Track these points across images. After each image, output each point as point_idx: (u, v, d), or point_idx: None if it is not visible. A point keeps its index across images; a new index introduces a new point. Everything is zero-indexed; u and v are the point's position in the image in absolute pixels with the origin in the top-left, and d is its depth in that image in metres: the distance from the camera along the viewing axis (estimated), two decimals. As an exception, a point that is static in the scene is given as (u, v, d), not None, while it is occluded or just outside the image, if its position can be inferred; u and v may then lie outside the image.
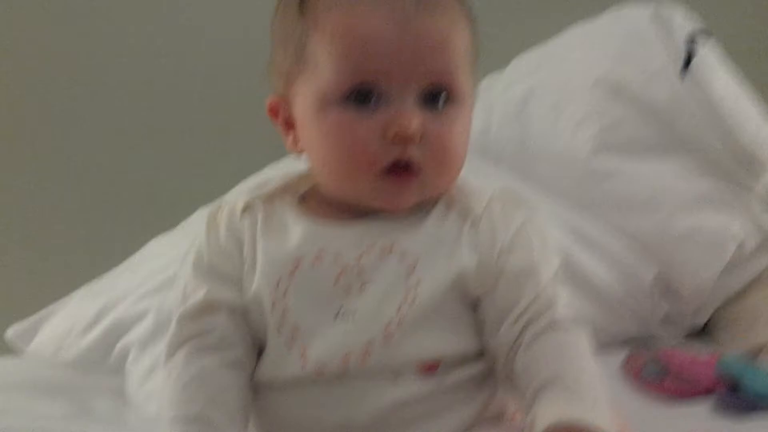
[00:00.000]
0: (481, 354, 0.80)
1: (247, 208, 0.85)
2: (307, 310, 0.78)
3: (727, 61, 1.38)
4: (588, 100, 1.37)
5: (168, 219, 1.44)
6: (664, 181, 1.31)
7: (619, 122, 1.35)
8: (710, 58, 1.36)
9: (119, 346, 1.24)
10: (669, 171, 1.31)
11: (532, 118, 1.41)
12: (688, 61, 1.35)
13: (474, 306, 0.80)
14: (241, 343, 0.81)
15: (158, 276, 1.25)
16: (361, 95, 0.77)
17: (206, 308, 0.81)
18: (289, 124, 0.85)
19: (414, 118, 0.76)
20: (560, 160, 1.36)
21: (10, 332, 1.36)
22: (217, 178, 1.39)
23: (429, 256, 0.79)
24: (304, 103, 0.81)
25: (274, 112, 0.86)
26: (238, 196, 0.87)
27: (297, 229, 0.81)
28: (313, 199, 0.85)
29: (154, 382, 1.15)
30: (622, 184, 1.32)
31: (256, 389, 0.82)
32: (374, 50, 0.76)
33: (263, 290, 0.79)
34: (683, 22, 1.39)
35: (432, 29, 0.78)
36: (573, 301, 0.81)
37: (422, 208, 0.82)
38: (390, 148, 0.77)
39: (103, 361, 1.26)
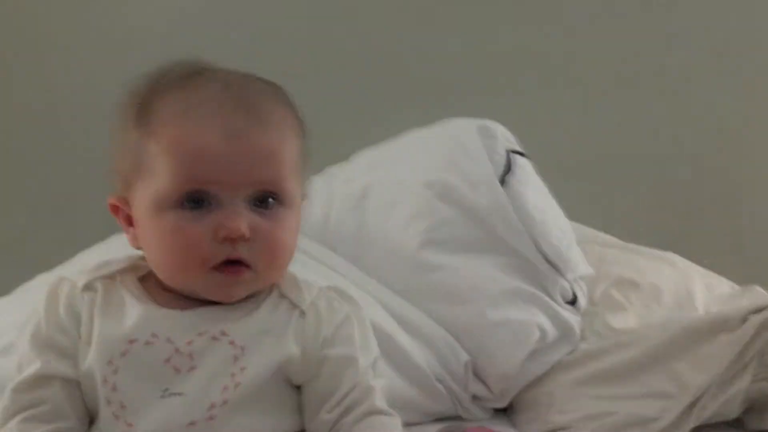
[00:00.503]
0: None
1: (87, 287, 0.90)
2: (134, 389, 0.84)
3: (537, 177, 1.56)
4: (419, 200, 1.50)
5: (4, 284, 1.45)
6: (481, 277, 1.44)
7: (445, 221, 1.48)
8: (524, 173, 1.53)
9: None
10: (486, 268, 1.45)
11: (368, 211, 1.52)
12: (505, 174, 1.52)
13: (296, 389, 0.90)
14: (73, 414, 0.86)
15: None
16: (194, 200, 0.85)
17: (40, 381, 0.86)
18: (129, 221, 0.92)
19: (242, 222, 0.85)
20: (391, 252, 1.48)
21: None
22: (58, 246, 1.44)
23: (256, 345, 0.86)
24: (141, 205, 0.88)
25: (114, 209, 0.93)
26: (79, 273, 0.92)
27: (133, 312, 0.87)
28: (152, 282, 0.91)
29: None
30: (444, 277, 1.44)
31: None
32: (206, 161, 0.85)
33: (96, 366, 0.85)
34: (504, 137, 1.57)
35: (260, 143, 0.87)
36: (394, 383, 0.93)
37: (255, 298, 0.91)
38: (220, 247, 0.85)
39: None
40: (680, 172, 2.07)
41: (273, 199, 0.88)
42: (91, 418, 0.88)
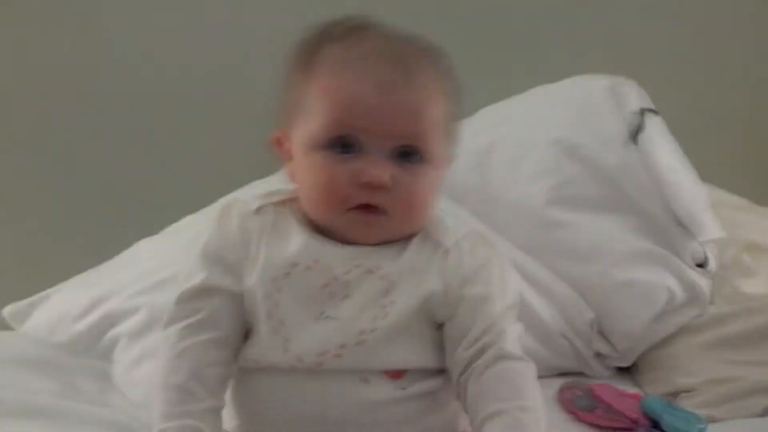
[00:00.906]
0: (443, 371, 0.93)
1: (259, 210, 0.96)
2: (294, 308, 0.90)
3: (670, 136, 1.53)
4: (545, 157, 1.50)
5: (154, 222, 1.54)
6: (607, 236, 1.44)
7: (572, 179, 1.48)
8: (656, 131, 1.50)
9: (110, 335, 1.34)
10: (612, 227, 1.44)
11: (493, 167, 1.53)
12: (637, 132, 1.50)
13: (440, 327, 0.93)
14: (229, 325, 0.92)
15: (149, 277, 1.35)
16: (343, 144, 0.90)
17: (203, 291, 0.92)
18: (288, 156, 0.97)
19: (384, 171, 0.89)
20: (516, 208, 1.48)
21: (6, 311, 1.44)
22: (204, 188, 1.50)
23: (404, 281, 0.91)
24: (298, 141, 0.93)
25: (277, 143, 0.99)
26: (251, 198, 0.99)
27: (298, 239, 0.93)
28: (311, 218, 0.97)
29: (141, 371, 1.26)
30: (570, 235, 1.45)
31: (240, 372, 0.92)
32: (357, 109, 0.89)
33: (260, 283, 0.91)
34: (636, 97, 1.53)
35: (409, 99, 0.91)
36: (522, 335, 0.94)
37: (403, 240, 0.95)
38: (359, 192, 0.89)
39: (93, 346, 1.36)
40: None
41: (416, 154, 0.91)
42: (246, 333, 0.93)
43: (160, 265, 1.37)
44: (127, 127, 1.82)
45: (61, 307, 1.41)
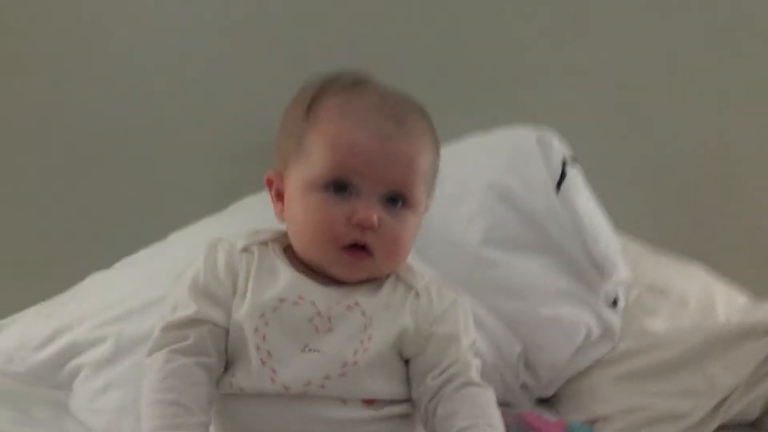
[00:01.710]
0: (408, 399, 1.05)
1: (245, 249, 1.05)
2: (281, 340, 0.98)
3: (585, 185, 1.70)
4: (480, 200, 1.63)
5: (104, 256, 1.57)
6: (534, 276, 1.58)
7: (504, 222, 1.61)
8: (577, 179, 1.67)
9: (71, 365, 1.38)
10: (539, 267, 1.59)
11: (432, 208, 1.65)
12: (561, 180, 1.65)
13: (406, 362, 1.05)
14: (214, 353, 0.99)
15: (113, 309, 1.40)
16: (338, 186, 1.00)
17: (192, 323, 0.99)
18: (279, 196, 1.07)
19: (374, 213, 0.99)
20: (453, 245, 1.60)
21: (-40, 342, 1.44)
22: (153, 222, 1.58)
23: (380, 318, 1.02)
24: (294, 182, 1.03)
25: (269, 183, 1.08)
26: (235, 237, 1.06)
27: (285, 276, 1.02)
28: (292, 254, 1.06)
29: (105, 400, 1.31)
30: (502, 273, 1.58)
31: (223, 398, 1.00)
32: (356, 154, 1.00)
33: (249, 317, 0.99)
34: (559, 147, 1.70)
35: (402, 150, 1.02)
36: (479, 359, 1.07)
37: (377, 280, 1.06)
38: (352, 231, 1.00)
39: (52, 376, 1.39)
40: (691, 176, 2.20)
41: (401, 200, 1.02)
42: (226, 365, 1.01)
43: (121, 298, 1.42)
44: (78, 155, 1.84)
45: (19, 337, 1.44)
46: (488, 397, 1.02)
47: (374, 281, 1.05)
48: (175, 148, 1.85)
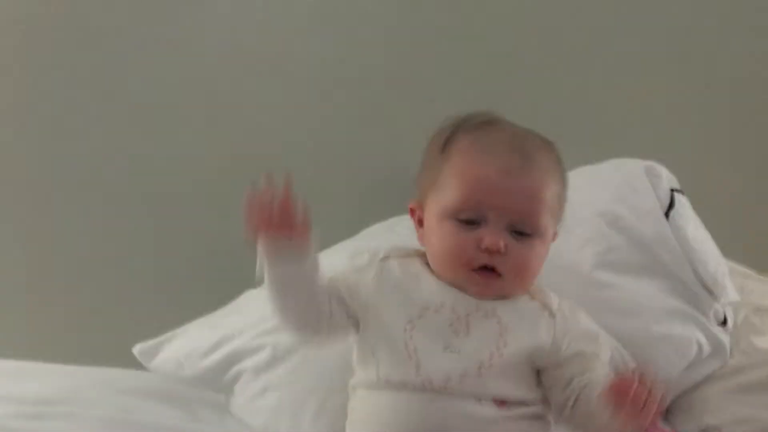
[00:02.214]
0: (535, 401, 1.16)
1: (385, 258, 1.20)
2: (425, 340, 1.13)
3: (693, 213, 1.81)
4: (592, 227, 1.75)
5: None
6: (646, 296, 1.69)
7: (615, 247, 1.72)
8: (685, 207, 1.78)
9: (234, 370, 1.56)
10: (650, 289, 1.70)
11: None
12: (669, 207, 1.77)
13: (538, 371, 1.16)
14: (338, 315, 1.18)
15: (270, 321, 1.51)
16: (469, 219, 1.14)
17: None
18: (420, 223, 1.22)
19: (501, 239, 1.13)
20: (567, 270, 1.69)
21: (137, 349, 1.66)
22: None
23: (516, 327, 1.14)
24: (431, 211, 1.18)
25: (412, 212, 1.24)
26: (377, 248, 1.23)
27: (428, 285, 1.16)
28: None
29: (264, 401, 1.48)
30: (614, 294, 1.69)
31: (369, 392, 1.14)
32: (484, 189, 1.14)
33: (398, 320, 1.14)
34: (668, 176, 1.82)
35: (527, 184, 1.15)
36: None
37: (512, 297, 1.18)
38: (481, 255, 1.14)
39: (216, 381, 1.57)
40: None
41: (527, 229, 1.14)
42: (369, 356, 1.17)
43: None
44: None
45: (189, 345, 1.63)
46: None
47: (510, 297, 1.18)
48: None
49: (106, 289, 1.98)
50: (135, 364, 1.69)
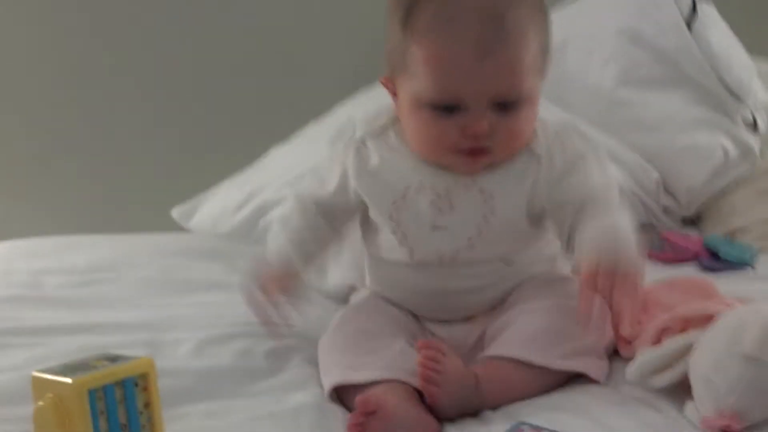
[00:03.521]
0: (546, 246, 1.12)
1: (360, 141, 1.13)
2: (412, 223, 1.08)
3: (719, 20, 1.76)
4: (612, 46, 1.74)
5: (284, 132, 1.85)
6: (669, 109, 1.69)
7: (637, 63, 1.72)
8: (707, 18, 1.74)
9: (263, 222, 1.63)
10: (673, 102, 1.69)
11: (568, 58, 1.75)
12: (691, 20, 1.72)
13: (539, 217, 1.09)
14: (340, 218, 1.17)
15: (289, 173, 1.64)
16: (446, 107, 1.01)
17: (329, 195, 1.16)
18: (395, 95, 1.10)
19: (484, 123, 1.00)
20: (590, 92, 1.73)
21: (175, 212, 1.76)
22: (319, 100, 1.83)
23: (500, 192, 1.06)
24: (403, 97, 1.06)
25: (385, 84, 1.12)
26: (359, 123, 1.16)
27: (404, 163, 1.10)
28: None
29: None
30: (637, 111, 1.70)
31: (377, 260, 1.15)
32: (458, 76, 0.99)
33: (383, 206, 1.10)
34: (690, -13, 1.78)
35: (507, 58, 0.99)
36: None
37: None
38: (465, 140, 1.03)
39: (250, 233, 1.65)
40: None
41: (511, 102, 1.03)
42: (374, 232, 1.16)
43: (296, 163, 1.66)
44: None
45: (221, 203, 1.72)
46: (620, 212, 1.04)
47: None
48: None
49: (142, 160, 2.10)
50: (175, 227, 1.80)
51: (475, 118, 1.01)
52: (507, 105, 1.02)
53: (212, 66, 2.09)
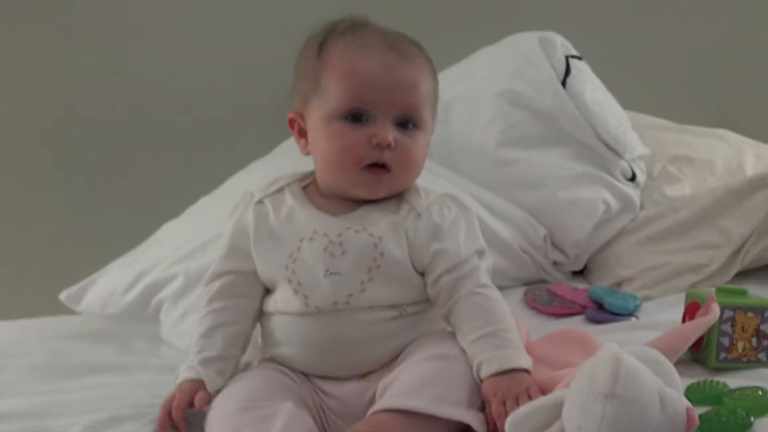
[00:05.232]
0: (428, 300, 1.16)
1: (261, 202, 1.20)
2: (307, 272, 1.13)
3: (593, 76, 1.83)
4: (493, 107, 1.79)
5: (173, 208, 1.84)
6: (551, 166, 1.74)
7: (517, 123, 1.77)
8: (581, 74, 1.81)
9: (154, 301, 1.62)
10: (555, 158, 1.74)
11: (453, 121, 1.81)
12: (565, 77, 1.79)
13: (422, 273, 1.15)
14: (249, 293, 1.18)
15: (180, 250, 1.64)
16: (355, 116, 1.14)
17: (224, 272, 1.20)
18: (302, 133, 1.20)
19: (390, 134, 1.12)
20: (475, 153, 1.77)
21: (63, 295, 1.72)
22: (210, 175, 1.82)
23: (390, 235, 1.14)
24: (315, 116, 1.16)
25: (291, 124, 1.22)
26: (256, 190, 1.22)
27: (299, 218, 1.17)
28: (312, 189, 1.22)
29: (186, 324, 1.53)
30: (520, 169, 1.74)
31: (270, 316, 1.17)
32: (367, 86, 1.12)
33: (279, 259, 1.15)
34: (562, 44, 1.84)
35: (406, 77, 1.14)
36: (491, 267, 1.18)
37: (383, 203, 1.17)
38: (372, 151, 1.12)
39: (141, 313, 1.64)
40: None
41: (412, 122, 1.16)
42: (268, 290, 1.19)
43: (186, 240, 1.66)
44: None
45: (110, 285, 1.69)
46: (498, 300, 1.13)
47: (379, 205, 1.18)
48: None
49: (28, 242, 2.09)
50: (66, 311, 1.76)
51: (381, 127, 1.13)
52: (407, 124, 1.15)
53: (99, 143, 2.11)
